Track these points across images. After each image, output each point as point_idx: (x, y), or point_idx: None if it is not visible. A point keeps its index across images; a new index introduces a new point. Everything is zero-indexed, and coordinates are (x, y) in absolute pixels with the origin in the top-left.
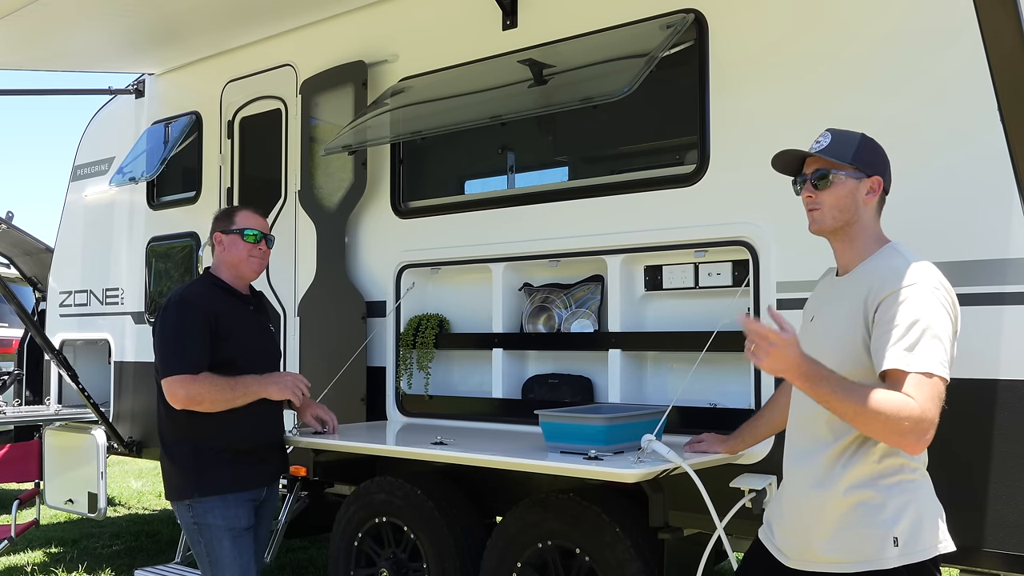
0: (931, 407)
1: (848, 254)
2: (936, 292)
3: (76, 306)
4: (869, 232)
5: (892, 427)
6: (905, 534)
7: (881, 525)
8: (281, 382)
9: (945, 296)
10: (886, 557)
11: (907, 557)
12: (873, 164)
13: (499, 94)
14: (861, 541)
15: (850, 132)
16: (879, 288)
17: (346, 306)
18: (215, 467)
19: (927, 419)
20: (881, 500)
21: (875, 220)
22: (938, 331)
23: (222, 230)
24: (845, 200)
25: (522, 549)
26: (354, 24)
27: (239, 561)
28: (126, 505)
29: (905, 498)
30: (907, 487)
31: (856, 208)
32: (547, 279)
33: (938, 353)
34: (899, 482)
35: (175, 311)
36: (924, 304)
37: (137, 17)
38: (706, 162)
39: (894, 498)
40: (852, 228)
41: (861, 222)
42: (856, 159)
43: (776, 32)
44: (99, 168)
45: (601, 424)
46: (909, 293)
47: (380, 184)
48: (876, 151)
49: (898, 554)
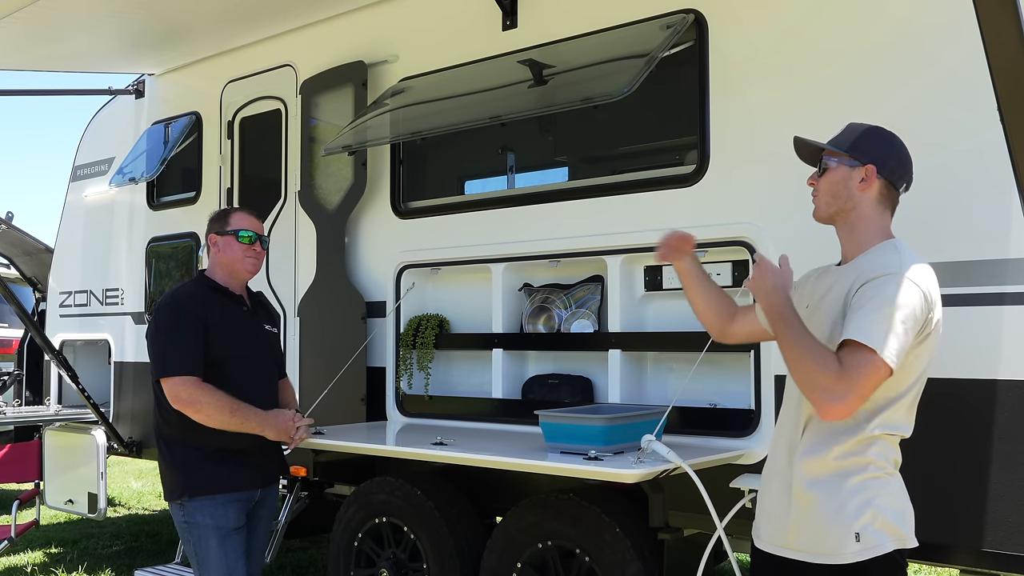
0: (855, 376)
1: (848, 244)
2: (912, 284)
3: (76, 306)
4: (870, 224)
5: (809, 380)
6: (867, 530)
7: (842, 521)
8: (279, 426)
9: (922, 292)
10: (846, 552)
11: (868, 552)
12: (869, 153)
13: (499, 94)
14: (823, 535)
15: (861, 124)
16: (862, 279)
17: (346, 306)
18: (205, 467)
19: (845, 385)
20: (843, 497)
21: (877, 212)
22: (900, 317)
23: (217, 231)
24: (837, 187)
25: (522, 549)
26: (354, 24)
27: (225, 561)
28: (126, 505)
29: (868, 495)
30: (870, 484)
31: (849, 196)
32: (547, 279)
33: (887, 336)
34: (862, 480)
35: (166, 312)
36: (895, 291)
37: (137, 17)
38: (706, 162)
39: (857, 495)
40: (849, 216)
41: (859, 211)
42: (853, 147)
43: (776, 32)
44: (99, 168)
45: (601, 424)
46: (885, 280)
47: (380, 184)
48: (878, 141)
49: (859, 549)
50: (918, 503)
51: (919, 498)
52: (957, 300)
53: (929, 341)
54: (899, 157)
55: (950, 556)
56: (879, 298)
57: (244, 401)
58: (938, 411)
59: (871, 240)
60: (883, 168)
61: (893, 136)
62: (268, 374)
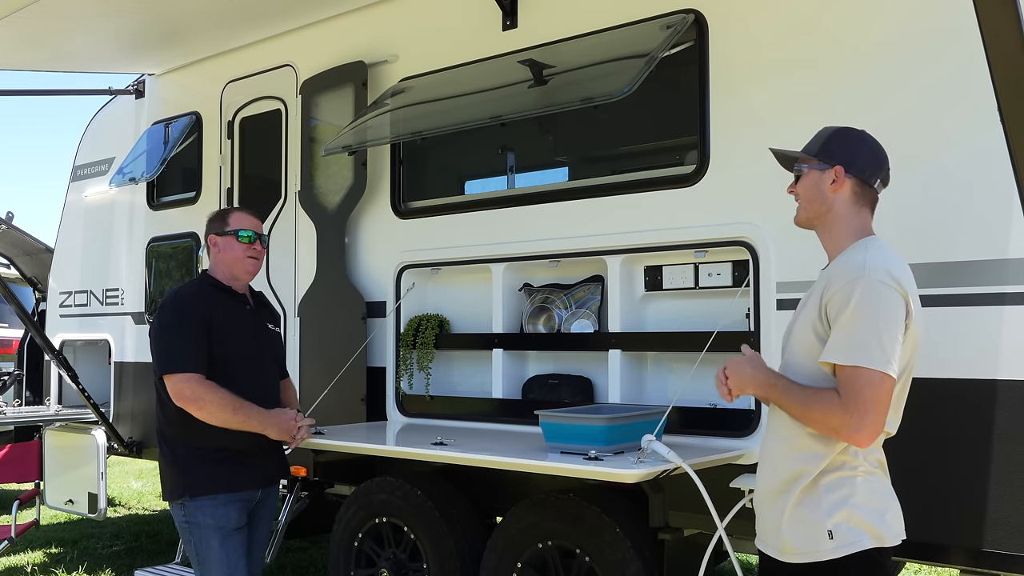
0: (858, 400)
1: (828, 246)
2: (880, 285)
3: (76, 306)
4: (845, 224)
5: (825, 425)
6: (841, 527)
7: (816, 518)
8: (281, 425)
9: (891, 290)
10: (821, 549)
11: (843, 549)
12: (835, 154)
13: (499, 94)
14: (799, 533)
15: (831, 127)
16: (831, 283)
17: (346, 306)
18: (207, 467)
19: (855, 413)
20: (817, 495)
21: (852, 212)
22: (875, 323)
23: (216, 232)
24: (811, 191)
25: (522, 549)
26: (354, 24)
27: (226, 561)
28: (126, 505)
29: (842, 493)
30: (844, 483)
31: (823, 199)
32: (547, 279)
33: (870, 346)
34: (837, 479)
35: (170, 310)
36: (865, 298)
37: (137, 17)
38: (706, 162)
39: (830, 493)
40: (826, 219)
41: (834, 212)
42: (821, 151)
43: (776, 32)
44: (99, 168)
45: (601, 424)
46: (854, 287)
47: (380, 184)
48: (845, 141)
49: (834, 546)
50: (918, 503)
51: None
52: (957, 300)
53: (909, 334)
54: (868, 154)
55: (950, 556)
56: (849, 310)
57: (247, 400)
58: (938, 411)
59: (847, 240)
60: (851, 167)
61: (862, 134)
62: (270, 373)
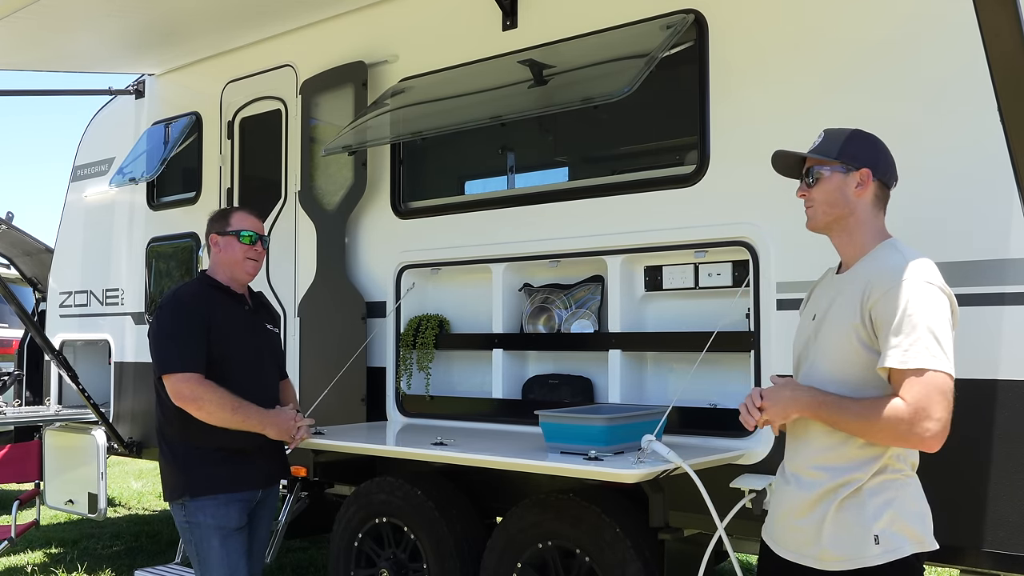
0: (926, 404)
1: (847, 249)
2: (928, 287)
3: (76, 306)
4: (867, 226)
5: (892, 434)
6: (886, 532)
7: (862, 524)
8: (280, 425)
9: (938, 290)
10: (867, 555)
11: (889, 555)
12: (860, 157)
13: (499, 94)
14: (842, 540)
15: (842, 129)
16: (873, 287)
17: (346, 306)
18: (207, 466)
19: (924, 417)
20: (862, 499)
21: (873, 214)
22: (930, 324)
23: (218, 232)
24: (834, 195)
25: (522, 549)
26: (354, 24)
27: (227, 561)
28: (126, 505)
29: (886, 496)
30: (888, 486)
31: (847, 202)
32: (547, 279)
33: (930, 347)
34: (881, 482)
35: (169, 310)
36: (916, 299)
37: (137, 17)
38: (706, 162)
39: (875, 497)
40: (848, 222)
41: (856, 216)
42: (842, 153)
43: (776, 32)
44: (99, 169)
45: (601, 424)
46: (901, 290)
47: (380, 184)
48: (865, 144)
49: (880, 552)
50: None
51: None
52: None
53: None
54: (886, 157)
55: (949, 556)
56: (904, 314)
57: (246, 400)
58: None
59: (870, 243)
60: (876, 170)
61: (875, 137)
62: (270, 373)
